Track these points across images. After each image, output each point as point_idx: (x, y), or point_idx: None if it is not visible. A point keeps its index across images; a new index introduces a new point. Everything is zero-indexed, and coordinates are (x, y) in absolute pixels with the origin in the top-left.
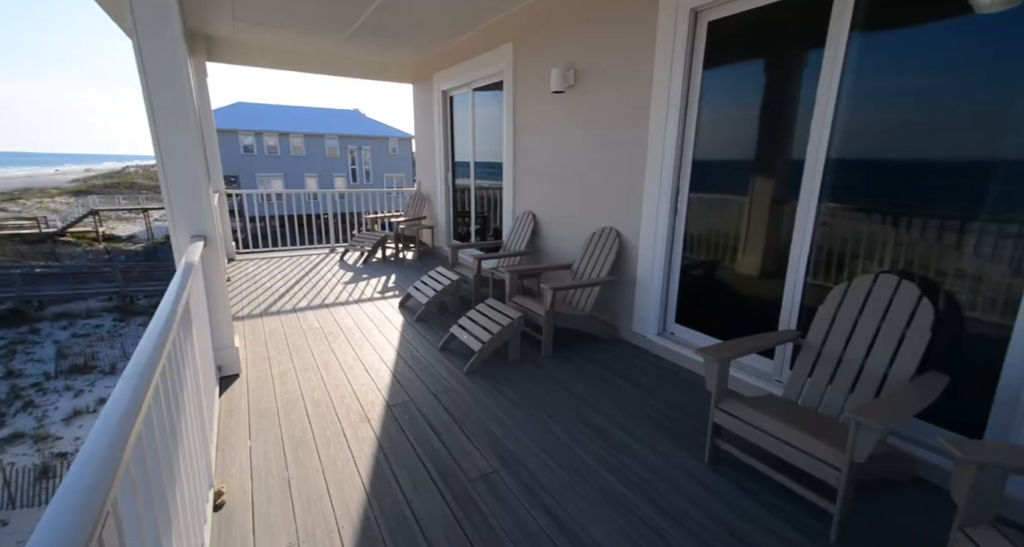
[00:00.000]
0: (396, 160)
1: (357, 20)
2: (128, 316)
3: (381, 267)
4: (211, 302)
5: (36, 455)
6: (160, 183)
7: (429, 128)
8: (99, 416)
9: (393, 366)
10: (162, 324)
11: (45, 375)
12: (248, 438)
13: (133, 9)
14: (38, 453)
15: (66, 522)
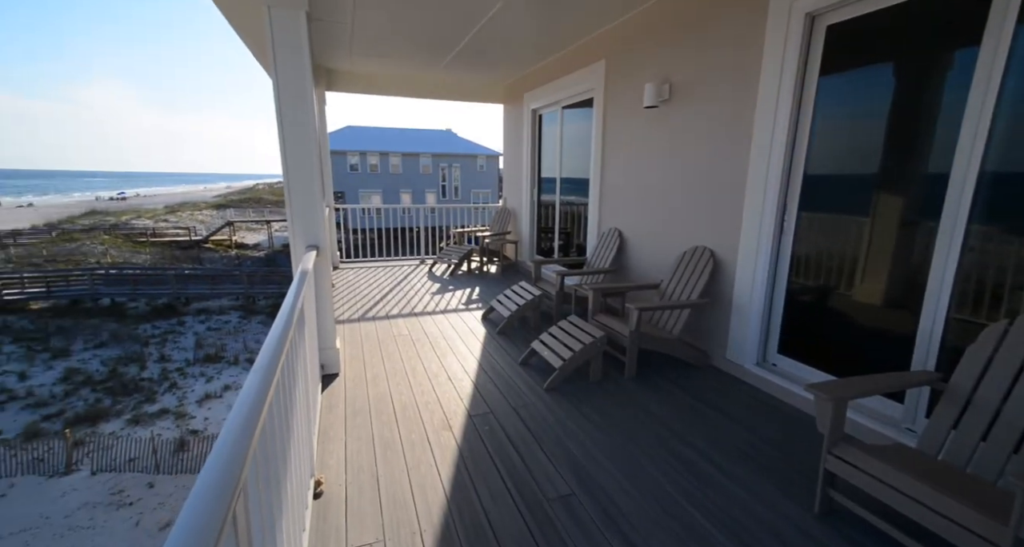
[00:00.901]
0: (483, 176)
1: (455, 48)
2: (250, 315)
3: (466, 279)
4: (319, 306)
5: (176, 430)
6: (285, 199)
7: (517, 146)
8: (235, 404)
9: (475, 377)
10: (283, 324)
11: (186, 361)
12: (344, 434)
13: (275, 56)
14: (177, 428)
15: (211, 496)
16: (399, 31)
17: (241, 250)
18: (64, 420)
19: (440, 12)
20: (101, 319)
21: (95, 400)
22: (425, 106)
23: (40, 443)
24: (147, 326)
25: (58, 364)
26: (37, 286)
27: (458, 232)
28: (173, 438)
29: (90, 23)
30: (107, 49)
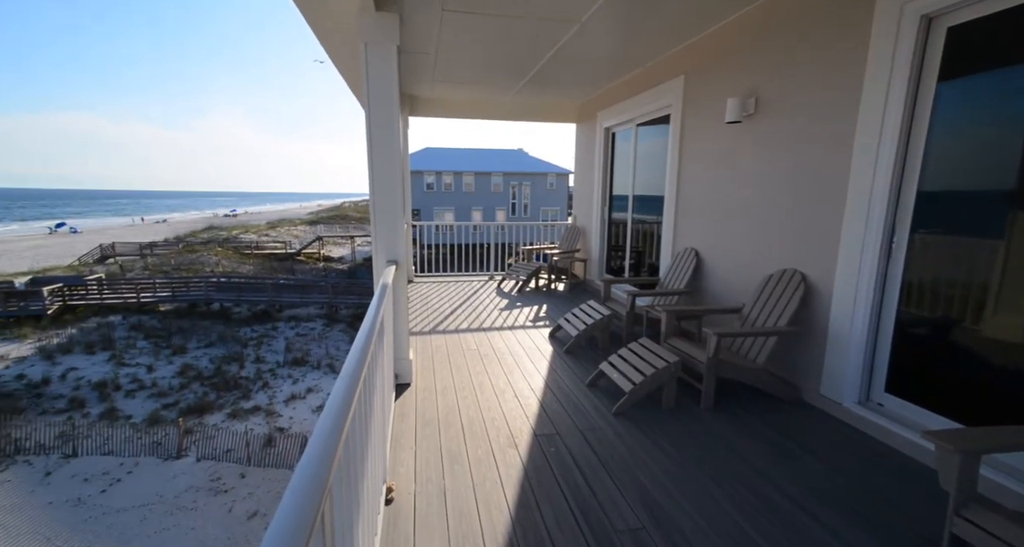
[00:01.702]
0: (552, 194)
1: (530, 72)
2: (332, 323)
3: (534, 297)
4: (396, 317)
5: (265, 426)
6: (370, 216)
7: (589, 163)
8: (324, 408)
9: (541, 395)
10: (366, 333)
11: (277, 363)
12: (414, 443)
13: (368, 87)
14: (267, 425)
15: (304, 494)
16: (478, 60)
17: (328, 263)
18: (178, 410)
19: (517, 40)
20: (211, 321)
21: (203, 394)
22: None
23: (159, 429)
24: (247, 329)
25: (177, 360)
26: (165, 291)
27: (527, 249)
28: (263, 433)
29: (218, 65)
30: (231, 85)
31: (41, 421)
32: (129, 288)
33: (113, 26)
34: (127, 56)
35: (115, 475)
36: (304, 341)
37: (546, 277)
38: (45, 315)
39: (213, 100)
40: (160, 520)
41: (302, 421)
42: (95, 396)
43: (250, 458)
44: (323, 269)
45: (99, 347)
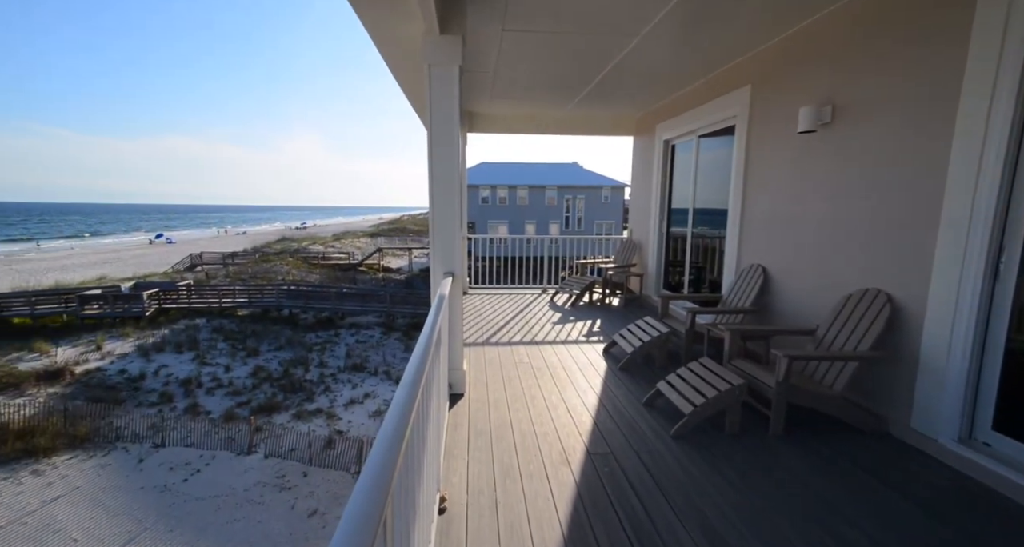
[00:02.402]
0: (607, 208)
1: (587, 87)
2: (390, 331)
3: (587, 311)
4: (451, 328)
5: (326, 428)
6: (429, 229)
7: (647, 176)
8: (386, 415)
9: (594, 412)
10: (425, 343)
11: (338, 368)
12: (467, 454)
13: (431, 107)
14: (327, 427)
15: (370, 497)
16: (535, 76)
17: (386, 273)
18: (250, 408)
19: (575, 56)
20: (281, 327)
21: (272, 394)
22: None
23: (233, 425)
24: (312, 335)
25: (250, 361)
26: (243, 297)
27: (580, 263)
28: (324, 435)
29: (296, 91)
30: (306, 109)
31: (137, 413)
32: (213, 294)
33: (217, 60)
34: (226, 87)
35: (195, 466)
36: (363, 348)
37: (600, 291)
38: (144, 316)
39: (290, 123)
40: (231, 511)
41: (359, 425)
42: (181, 392)
43: (311, 458)
44: (382, 279)
45: (186, 347)
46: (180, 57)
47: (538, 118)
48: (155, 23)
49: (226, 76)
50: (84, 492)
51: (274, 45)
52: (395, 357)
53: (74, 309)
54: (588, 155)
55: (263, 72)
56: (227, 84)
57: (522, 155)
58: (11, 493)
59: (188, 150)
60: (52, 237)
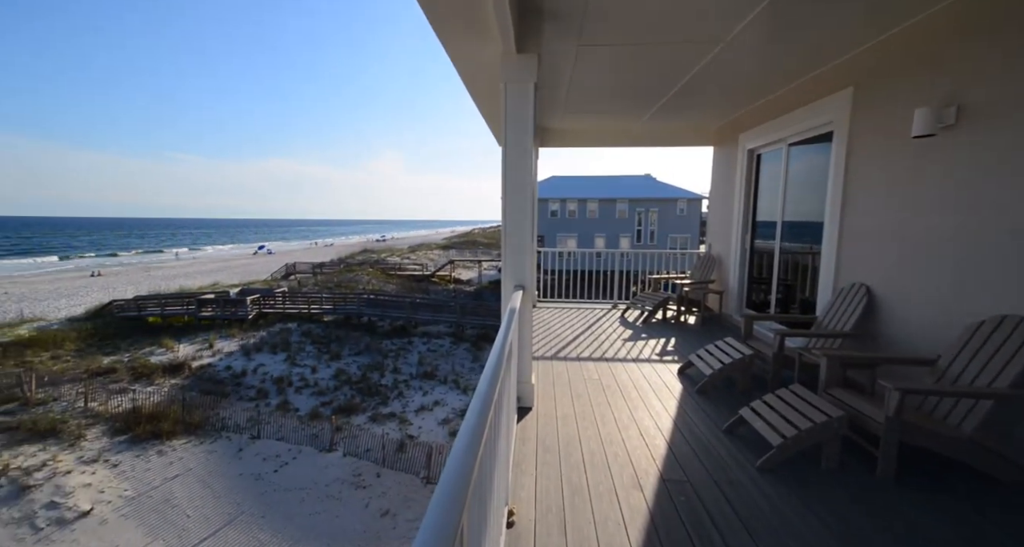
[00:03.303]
0: (682, 221)
1: (663, 98)
2: (459, 341)
3: (660, 329)
4: (520, 341)
5: (398, 432)
6: (501, 243)
7: (728, 188)
8: (462, 426)
9: (669, 436)
10: (497, 356)
11: (410, 375)
12: (535, 469)
13: (506, 124)
14: (400, 431)
15: (448, 506)
16: (610, 89)
17: (457, 284)
18: (332, 408)
19: (652, 67)
20: (361, 333)
21: (351, 396)
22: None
23: (317, 423)
24: (388, 342)
25: (333, 364)
26: (328, 304)
27: (654, 278)
28: (396, 439)
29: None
30: (388, 129)
31: (238, 406)
32: (303, 300)
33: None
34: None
35: (284, 459)
36: (434, 356)
37: (675, 308)
38: (247, 319)
39: (374, 144)
40: (313, 504)
41: (429, 431)
42: (274, 389)
43: (384, 460)
44: (453, 290)
45: (280, 348)
46: (281, 87)
47: (611, 131)
48: (263, 59)
49: (321, 103)
50: (195, 474)
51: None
52: (463, 367)
53: (193, 311)
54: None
55: (353, 98)
56: (321, 110)
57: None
58: (142, 468)
59: (286, 170)
60: (179, 246)
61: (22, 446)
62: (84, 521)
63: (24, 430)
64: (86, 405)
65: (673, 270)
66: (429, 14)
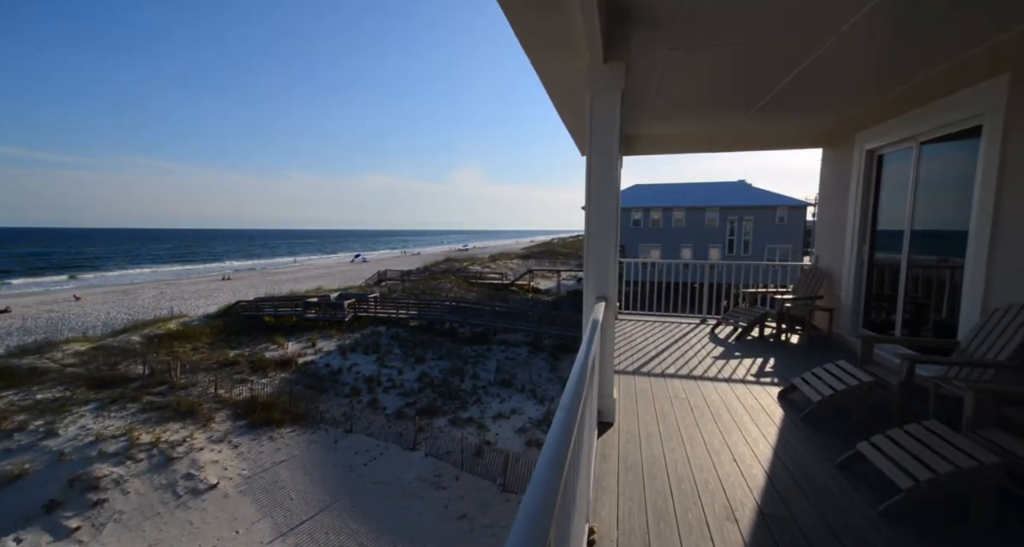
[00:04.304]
0: (782, 230)
1: (763, 99)
2: (536, 351)
3: (757, 347)
4: (602, 354)
5: (476, 437)
6: (584, 253)
7: (840, 193)
8: (548, 438)
9: (768, 466)
10: (580, 369)
11: (488, 382)
12: (616, 487)
13: (591, 133)
14: (477, 436)
15: (536, 519)
16: (702, 93)
17: (535, 294)
18: (415, 409)
19: (750, 67)
20: (443, 338)
21: (433, 399)
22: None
23: (401, 422)
24: (468, 348)
25: (417, 367)
26: (414, 310)
27: (749, 292)
28: (474, 444)
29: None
30: (471, 142)
31: (335, 401)
32: (393, 306)
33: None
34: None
35: (372, 454)
36: (511, 365)
37: (774, 326)
38: (344, 321)
39: (457, 156)
40: (396, 499)
41: (506, 439)
42: (366, 387)
43: (463, 463)
44: (531, 299)
45: (371, 350)
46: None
47: (703, 136)
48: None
49: (414, 118)
50: (299, 460)
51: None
52: (540, 377)
53: (300, 312)
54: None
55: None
56: (410, 126)
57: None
58: (256, 452)
59: (380, 184)
60: (292, 255)
61: (169, 423)
62: (212, 493)
63: (170, 409)
64: (215, 392)
65: (771, 284)
66: (516, 28)
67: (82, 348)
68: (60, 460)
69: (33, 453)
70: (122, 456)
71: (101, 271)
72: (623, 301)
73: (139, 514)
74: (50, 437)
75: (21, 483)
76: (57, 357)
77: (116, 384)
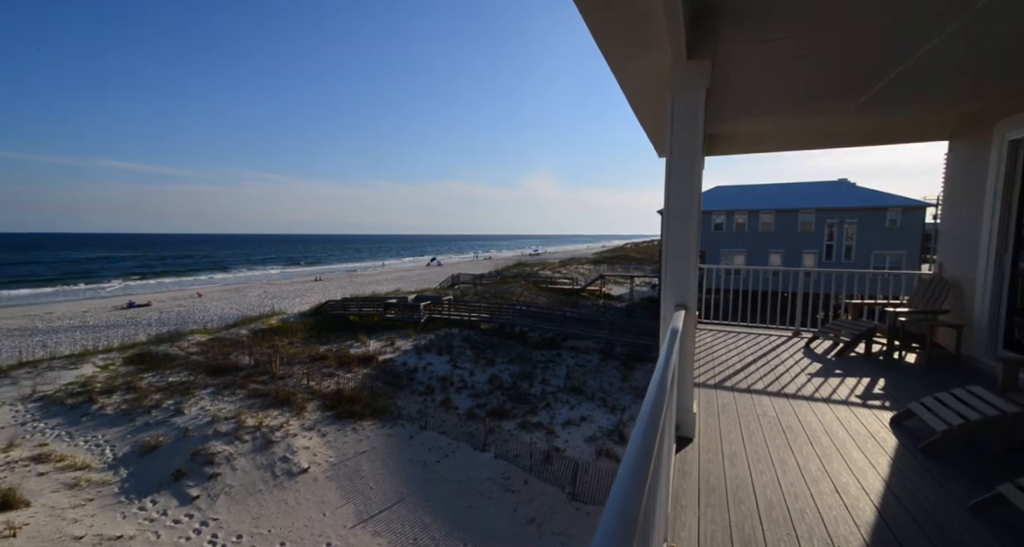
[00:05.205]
0: (893, 234)
1: (871, 90)
2: (607, 358)
3: (862, 365)
4: (681, 365)
5: (545, 443)
6: (661, 258)
7: (974, 192)
8: (626, 453)
9: (879, 500)
10: (660, 380)
11: (558, 387)
12: (697, 507)
13: (671, 136)
14: (546, 442)
15: (619, 535)
16: (799, 87)
17: (607, 300)
18: (485, 410)
19: (857, 56)
20: (513, 342)
21: (503, 402)
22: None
23: (472, 423)
24: (538, 353)
25: (488, 369)
26: (485, 313)
27: (853, 303)
28: (543, 449)
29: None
30: (543, 147)
31: (411, 398)
32: (465, 308)
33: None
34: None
35: (444, 452)
36: (582, 372)
37: (883, 342)
38: (420, 322)
39: (530, 162)
40: (467, 498)
41: (575, 447)
42: (439, 387)
43: (531, 468)
44: (602, 306)
45: (444, 351)
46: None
47: (798, 132)
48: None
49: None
50: (378, 452)
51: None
52: (611, 385)
53: (381, 312)
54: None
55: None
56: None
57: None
58: (341, 442)
59: (455, 191)
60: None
61: (269, 409)
62: (303, 476)
63: (270, 397)
64: (307, 383)
65: (880, 294)
66: (593, 28)
67: (203, 338)
68: (185, 436)
69: (165, 428)
70: (232, 436)
71: (219, 272)
72: (703, 310)
73: (244, 489)
74: (178, 415)
75: (156, 453)
76: (183, 346)
77: (228, 372)
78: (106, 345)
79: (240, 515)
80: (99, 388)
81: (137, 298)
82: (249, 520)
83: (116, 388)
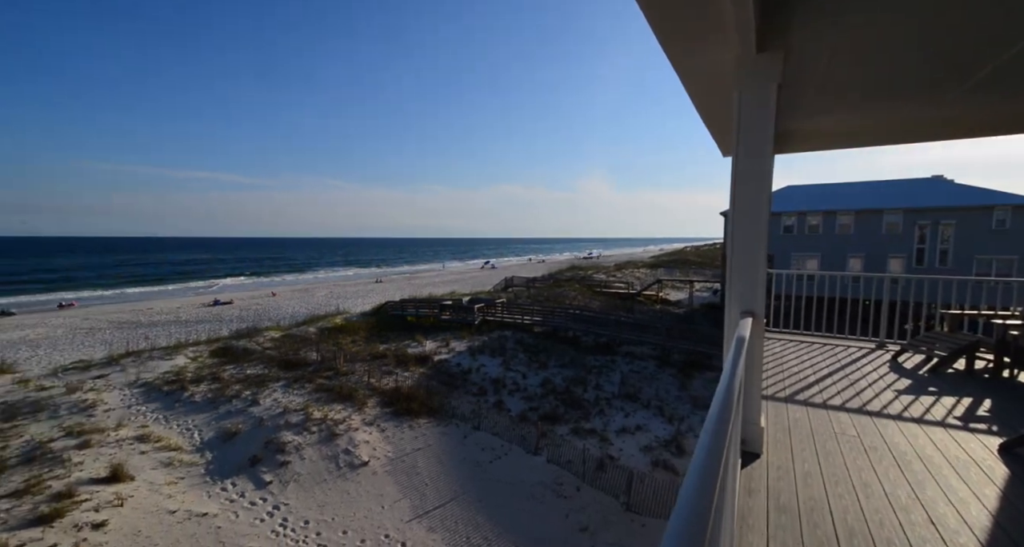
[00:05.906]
0: (999, 237)
1: (968, 82)
2: (664, 365)
3: (962, 383)
4: (747, 376)
5: (598, 450)
6: (726, 262)
7: None
8: (692, 465)
9: (986, 538)
10: (726, 391)
11: (612, 394)
12: (766, 529)
13: (738, 135)
14: (600, 449)
15: (690, 539)
16: (881, 76)
17: (664, 305)
18: (538, 414)
19: (955, 41)
20: (566, 346)
21: (555, 406)
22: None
23: (524, 426)
24: (591, 358)
25: (540, 373)
26: (539, 316)
27: (951, 314)
28: (596, 456)
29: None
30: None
31: (464, 399)
32: (518, 311)
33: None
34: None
35: (497, 453)
36: (637, 378)
37: (989, 358)
38: (473, 324)
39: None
40: (519, 501)
41: (630, 456)
42: (492, 388)
43: (584, 474)
44: (659, 311)
45: (497, 353)
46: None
47: (881, 126)
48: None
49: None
50: (433, 450)
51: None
52: (668, 394)
53: (436, 314)
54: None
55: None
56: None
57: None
58: (398, 438)
59: (510, 194)
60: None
61: (333, 403)
62: (363, 469)
63: (335, 392)
64: (368, 380)
65: (985, 304)
66: (654, 22)
67: (276, 335)
68: (260, 425)
69: (243, 417)
70: (300, 427)
71: (291, 273)
72: (771, 318)
73: (311, 478)
74: (254, 405)
75: (236, 439)
76: (260, 341)
77: (298, 367)
78: (195, 338)
79: (307, 501)
80: (189, 378)
81: (221, 296)
82: (315, 507)
83: (203, 378)
